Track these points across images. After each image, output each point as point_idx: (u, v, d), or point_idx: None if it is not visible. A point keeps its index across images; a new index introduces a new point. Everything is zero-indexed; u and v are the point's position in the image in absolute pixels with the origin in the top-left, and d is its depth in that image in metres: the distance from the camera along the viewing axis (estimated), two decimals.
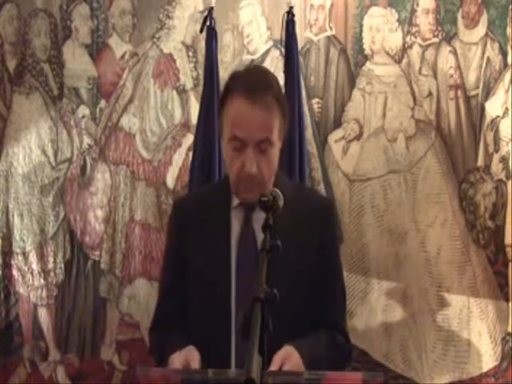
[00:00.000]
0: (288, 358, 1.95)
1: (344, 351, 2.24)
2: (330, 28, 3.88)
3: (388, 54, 3.78)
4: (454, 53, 3.67)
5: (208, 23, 3.60)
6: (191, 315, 2.23)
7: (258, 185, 2.13)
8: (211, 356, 2.03)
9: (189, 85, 4.12)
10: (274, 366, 1.92)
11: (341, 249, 2.39)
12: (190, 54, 4.13)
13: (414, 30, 3.74)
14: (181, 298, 2.24)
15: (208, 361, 1.97)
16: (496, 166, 3.57)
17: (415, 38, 3.73)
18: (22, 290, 4.32)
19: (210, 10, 3.61)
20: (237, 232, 2.20)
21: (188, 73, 4.13)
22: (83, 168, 4.27)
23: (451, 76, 3.67)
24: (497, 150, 3.57)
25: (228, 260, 2.18)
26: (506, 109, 3.56)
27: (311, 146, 3.84)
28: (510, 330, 3.52)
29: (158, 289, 2.39)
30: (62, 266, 4.27)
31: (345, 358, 2.26)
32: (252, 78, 2.17)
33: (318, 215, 2.23)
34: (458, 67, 3.66)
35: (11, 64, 4.39)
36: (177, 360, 2.00)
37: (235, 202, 2.22)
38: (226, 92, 2.18)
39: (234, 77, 2.22)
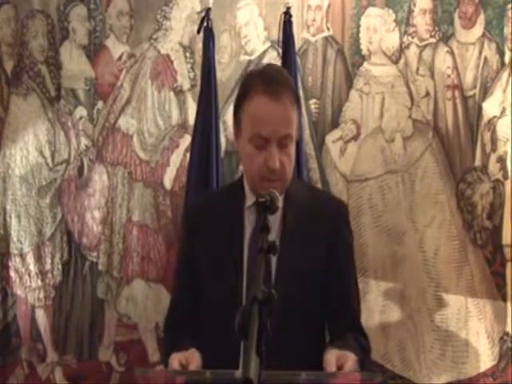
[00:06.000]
0: (343, 357, 1.95)
1: (368, 352, 2.28)
2: (328, 28, 3.88)
3: (385, 54, 3.78)
4: (451, 53, 3.67)
5: (205, 24, 3.61)
6: (203, 316, 2.24)
7: (280, 179, 2.15)
8: (222, 357, 2.04)
9: (186, 86, 4.12)
10: (330, 367, 1.91)
11: None
12: (188, 54, 4.12)
13: (411, 30, 3.74)
14: (194, 299, 2.25)
15: (219, 361, 1.97)
16: (493, 166, 3.57)
17: (412, 38, 3.73)
18: (19, 291, 4.32)
19: (208, 10, 3.62)
20: (249, 233, 2.21)
21: (185, 74, 4.12)
22: (81, 169, 4.27)
23: (448, 76, 3.67)
24: (494, 149, 3.57)
25: (241, 261, 2.18)
26: (504, 109, 3.56)
27: (309, 147, 3.83)
28: (507, 329, 3.52)
29: (172, 290, 2.38)
30: (60, 267, 4.27)
31: (368, 358, 2.30)
32: (270, 76, 2.18)
33: (331, 215, 2.24)
34: (456, 67, 3.66)
35: (8, 65, 4.39)
36: (175, 360, 2.01)
37: (249, 202, 2.22)
38: (244, 92, 2.18)
39: (251, 76, 2.23)
